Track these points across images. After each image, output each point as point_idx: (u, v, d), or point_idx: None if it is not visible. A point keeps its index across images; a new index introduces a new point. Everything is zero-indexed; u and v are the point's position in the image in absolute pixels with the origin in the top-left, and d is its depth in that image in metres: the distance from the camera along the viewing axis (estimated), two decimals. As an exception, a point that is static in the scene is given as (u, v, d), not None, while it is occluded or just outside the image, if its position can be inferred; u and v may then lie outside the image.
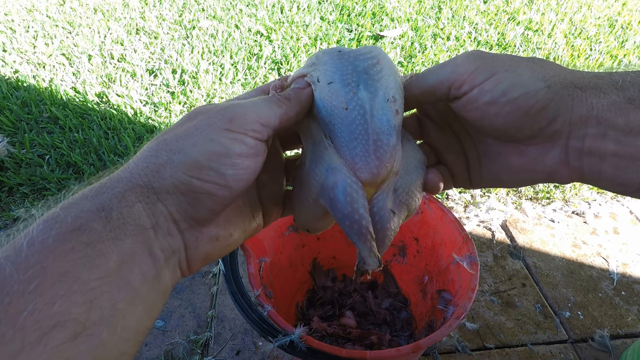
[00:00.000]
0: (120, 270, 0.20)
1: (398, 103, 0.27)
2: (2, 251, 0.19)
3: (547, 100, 0.23)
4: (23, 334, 0.16)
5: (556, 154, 0.25)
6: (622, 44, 1.65)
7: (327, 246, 0.72)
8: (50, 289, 0.18)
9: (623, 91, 0.23)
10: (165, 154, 0.23)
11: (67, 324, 0.18)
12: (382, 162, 0.26)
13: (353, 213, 0.25)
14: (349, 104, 0.26)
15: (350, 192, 0.25)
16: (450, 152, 0.31)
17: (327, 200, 0.26)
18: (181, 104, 1.21)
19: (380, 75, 0.27)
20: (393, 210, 0.27)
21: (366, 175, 0.26)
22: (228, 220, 0.27)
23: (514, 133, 0.25)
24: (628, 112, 0.22)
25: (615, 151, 0.23)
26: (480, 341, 0.72)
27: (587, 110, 0.23)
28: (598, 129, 0.23)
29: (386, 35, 1.59)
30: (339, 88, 0.26)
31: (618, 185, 0.24)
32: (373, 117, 0.26)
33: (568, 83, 0.24)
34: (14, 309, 0.17)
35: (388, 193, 0.27)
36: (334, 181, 0.26)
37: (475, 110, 0.25)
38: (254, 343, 0.70)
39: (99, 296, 0.19)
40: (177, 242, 0.24)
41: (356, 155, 0.26)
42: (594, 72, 0.24)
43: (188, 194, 0.23)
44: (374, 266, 0.26)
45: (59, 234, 0.19)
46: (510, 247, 0.90)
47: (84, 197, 0.21)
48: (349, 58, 0.27)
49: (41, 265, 0.18)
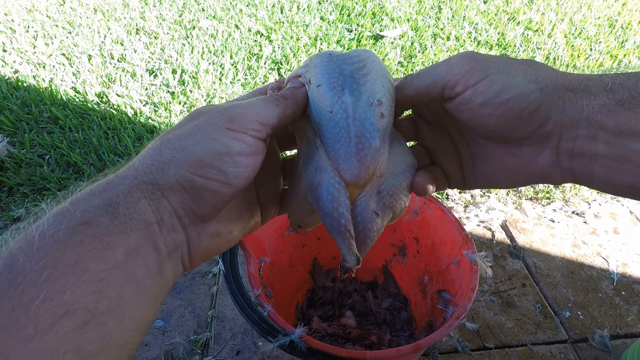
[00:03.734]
0: (127, 262, 0.21)
1: (384, 106, 0.27)
2: (14, 242, 0.20)
3: (539, 103, 0.24)
4: (36, 320, 0.17)
5: (548, 155, 0.25)
6: (622, 44, 1.65)
7: (327, 246, 0.72)
8: (61, 279, 0.18)
9: (613, 93, 0.23)
10: (170, 152, 0.24)
11: (77, 312, 0.18)
12: (362, 165, 0.26)
13: (333, 211, 0.26)
14: (334, 107, 0.27)
15: (332, 192, 0.26)
16: (444, 153, 0.31)
17: (313, 198, 0.28)
18: (181, 104, 1.21)
19: (366, 79, 0.27)
20: (376, 211, 0.28)
21: (348, 177, 0.27)
22: (228, 217, 0.28)
23: (507, 134, 0.26)
24: (618, 114, 0.22)
25: (605, 152, 0.23)
26: (480, 341, 0.72)
27: (578, 113, 0.23)
28: (589, 131, 0.23)
29: (386, 35, 1.59)
30: (325, 91, 0.27)
31: (609, 185, 0.24)
32: (355, 121, 0.26)
33: (560, 85, 0.24)
34: (27, 297, 0.17)
35: (371, 195, 0.27)
36: (320, 180, 0.27)
37: (468, 111, 0.26)
38: (254, 343, 0.70)
39: (107, 287, 0.20)
40: (180, 237, 0.24)
41: (339, 157, 0.27)
42: (585, 75, 0.25)
43: (191, 191, 0.23)
44: (352, 264, 0.27)
45: (68, 227, 0.20)
46: (510, 247, 0.90)
47: (91, 193, 0.22)
48: (337, 61, 0.28)
49: (52, 256, 0.19)
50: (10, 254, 0.19)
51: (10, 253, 0.19)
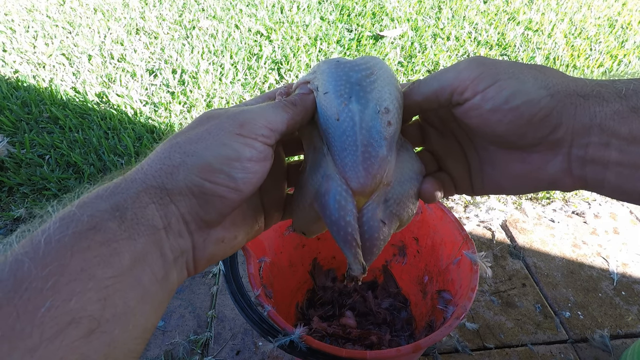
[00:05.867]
0: (133, 269, 0.21)
1: (392, 114, 0.27)
2: (20, 247, 0.19)
3: (550, 109, 0.23)
4: (41, 329, 0.17)
5: (559, 162, 0.25)
6: (622, 44, 1.65)
7: (327, 246, 0.72)
8: (67, 286, 0.18)
9: (626, 100, 0.22)
10: (179, 157, 0.23)
11: (83, 320, 0.18)
12: (369, 174, 0.26)
13: (340, 220, 0.26)
14: (341, 115, 0.26)
15: (339, 200, 0.26)
16: (452, 159, 0.31)
17: (319, 206, 0.27)
18: (181, 104, 1.21)
19: (373, 87, 0.27)
20: (383, 220, 0.27)
21: (355, 185, 0.26)
22: (233, 223, 0.28)
23: (517, 140, 0.25)
24: (631, 121, 0.22)
25: (618, 160, 0.23)
26: (480, 341, 0.72)
27: (590, 119, 0.23)
28: (601, 138, 0.23)
29: (386, 35, 1.59)
30: (332, 99, 0.27)
31: (622, 193, 0.23)
32: (362, 129, 0.26)
33: (571, 91, 0.23)
34: (33, 304, 0.17)
35: (378, 203, 0.27)
36: (327, 188, 0.27)
37: (477, 117, 0.25)
38: (254, 343, 0.70)
39: (113, 294, 0.19)
40: (186, 243, 0.24)
41: (346, 165, 0.26)
42: (597, 80, 0.24)
43: (200, 196, 0.23)
44: (358, 272, 0.27)
45: (75, 233, 0.19)
46: (510, 247, 0.90)
47: (98, 196, 0.22)
48: (344, 69, 0.28)
49: (59, 263, 0.18)
50: (16, 258, 0.18)
51: (15, 258, 0.18)
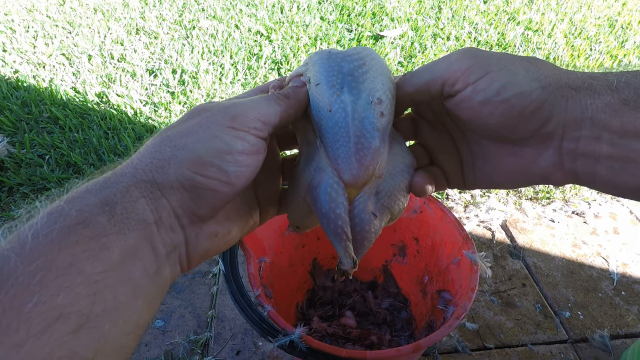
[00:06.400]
0: (123, 264, 0.20)
1: (384, 105, 0.26)
2: (6, 242, 0.19)
3: (541, 101, 0.23)
4: (27, 325, 0.17)
5: (550, 155, 0.25)
6: (622, 44, 1.65)
7: (327, 246, 0.72)
8: (54, 281, 0.18)
9: (618, 92, 0.22)
10: (170, 150, 0.23)
11: (71, 315, 0.18)
12: (362, 165, 0.26)
13: (330, 212, 0.26)
14: (333, 106, 0.26)
15: (330, 192, 0.26)
16: (444, 152, 0.31)
17: (311, 199, 0.27)
18: (181, 104, 1.21)
19: (366, 77, 0.26)
20: (374, 213, 0.27)
21: (347, 177, 0.26)
22: (227, 217, 0.28)
23: (508, 133, 0.25)
24: (623, 114, 0.22)
25: (609, 153, 0.22)
26: (480, 341, 0.72)
27: (581, 112, 0.23)
28: (592, 131, 0.23)
29: (386, 35, 1.59)
30: (324, 90, 0.27)
31: (613, 187, 0.23)
32: (354, 120, 0.26)
33: (562, 84, 0.23)
34: (19, 300, 0.17)
35: (370, 196, 0.27)
36: (319, 181, 0.26)
37: (468, 109, 0.25)
38: (254, 343, 0.70)
39: (102, 289, 0.19)
40: (178, 237, 0.24)
41: (338, 157, 0.26)
42: (589, 73, 0.24)
43: (191, 190, 0.23)
44: (348, 266, 0.27)
45: (63, 227, 0.19)
46: (510, 247, 0.90)
47: (87, 191, 0.21)
48: (336, 59, 0.27)
49: (46, 258, 0.18)
50: (2, 254, 0.18)
51: (1, 254, 0.18)
